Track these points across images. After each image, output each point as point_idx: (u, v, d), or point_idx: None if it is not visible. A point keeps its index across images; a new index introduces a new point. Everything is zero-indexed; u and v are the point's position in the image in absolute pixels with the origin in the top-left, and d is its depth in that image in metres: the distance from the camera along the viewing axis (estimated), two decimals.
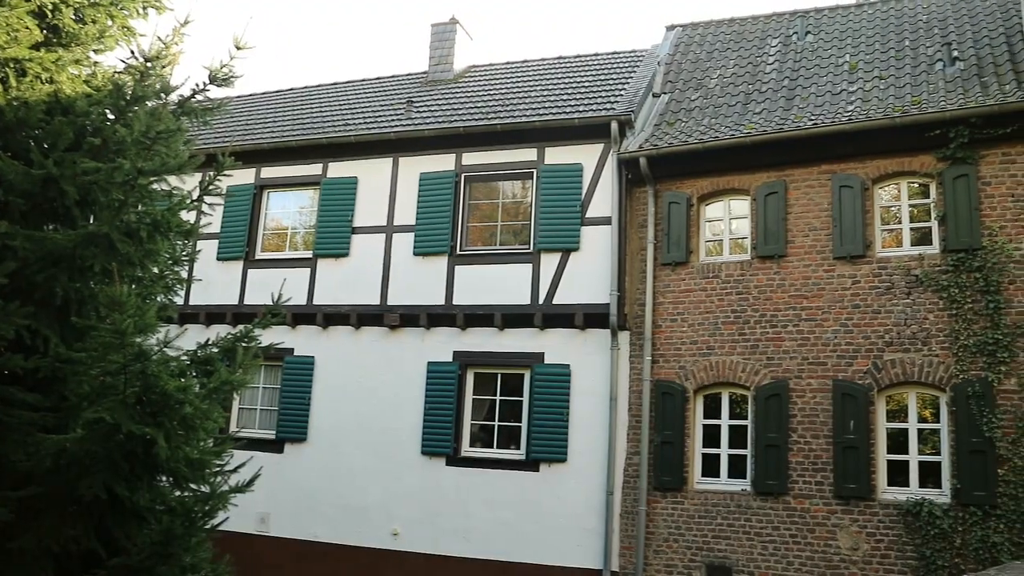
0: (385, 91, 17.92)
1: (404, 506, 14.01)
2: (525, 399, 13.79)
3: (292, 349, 15.07)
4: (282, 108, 18.16)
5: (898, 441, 11.78)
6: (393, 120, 15.88)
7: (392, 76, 18.96)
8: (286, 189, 16.21)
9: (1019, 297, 11.20)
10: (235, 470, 7.19)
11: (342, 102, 17.69)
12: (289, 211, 16.24)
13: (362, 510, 14.22)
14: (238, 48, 7.64)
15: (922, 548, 11.09)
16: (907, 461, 11.64)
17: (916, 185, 12.28)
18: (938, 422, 11.59)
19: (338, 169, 15.63)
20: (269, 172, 16.15)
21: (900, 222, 12.32)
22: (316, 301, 15.15)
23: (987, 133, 11.53)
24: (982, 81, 12.37)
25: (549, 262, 13.78)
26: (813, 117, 12.80)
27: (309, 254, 15.51)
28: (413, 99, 16.74)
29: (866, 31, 14.90)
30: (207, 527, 6.76)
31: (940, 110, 11.83)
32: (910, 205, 12.29)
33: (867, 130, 12.20)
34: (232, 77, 7.66)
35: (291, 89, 19.55)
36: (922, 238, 12.08)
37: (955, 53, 13.27)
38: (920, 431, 11.71)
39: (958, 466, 11.16)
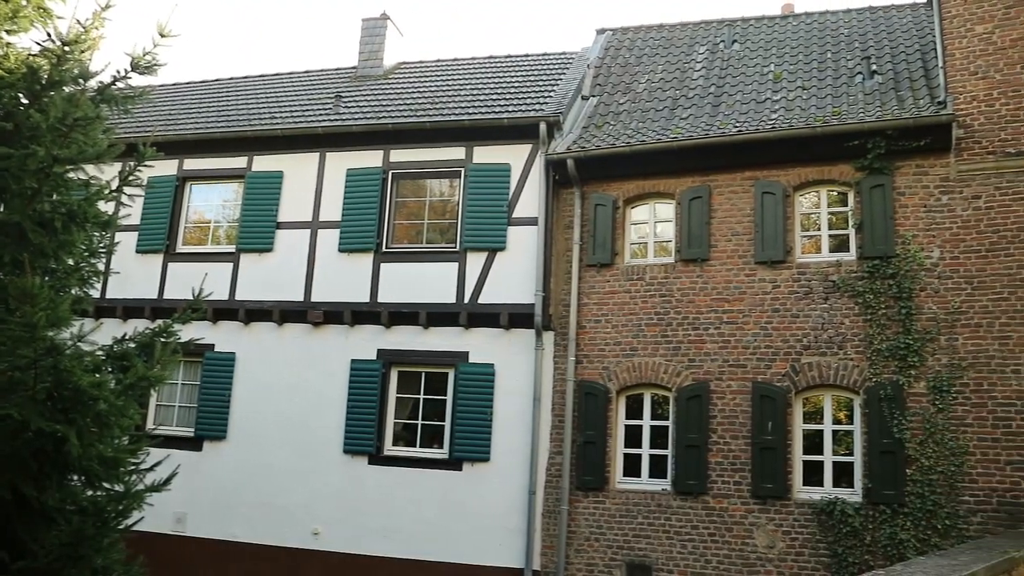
0: (313, 85, 17.71)
1: (326, 505, 13.85)
2: (449, 398, 13.77)
3: (213, 345, 14.78)
4: (207, 99, 17.80)
5: (814, 442, 12.09)
6: (321, 114, 15.69)
7: (321, 70, 18.75)
8: (209, 182, 15.88)
9: (929, 304, 11.60)
10: (151, 469, 7.03)
11: (269, 95, 17.41)
12: (212, 204, 15.92)
13: (283, 509, 14.02)
14: (162, 35, 7.45)
15: (834, 545, 11.40)
16: (822, 461, 11.95)
17: (835, 193, 12.62)
18: (852, 424, 11.94)
19: (263, 163, 15.37)
20: (192, 164, 15.80)
21: (819, 229, 12.64)
22: (238, 296, 14.87)
23: (902, 145, 11.91)
24: (898, 95, 12.77)
25: (475, 261, 13.78)
26: (738, 124, 13.05)
27: (232, 248, 15.23)
28: (342, 94, 16.58)
29: (791, 42, 15.26)
30: (120, 528, 6.58)
31: (859, 121, 12.17)
32: (829, 213, 12.61)
33: (789, 138, 12.49)
34: (155, 65, 7.46)
35: (217, 80, 19.18)
36: (840, 245, 12.42)
37: (874, 67, 13.67)
38: (835, 432, 12.04)
39: (869, 466, 11.52)
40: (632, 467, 12.86)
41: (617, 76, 15.69)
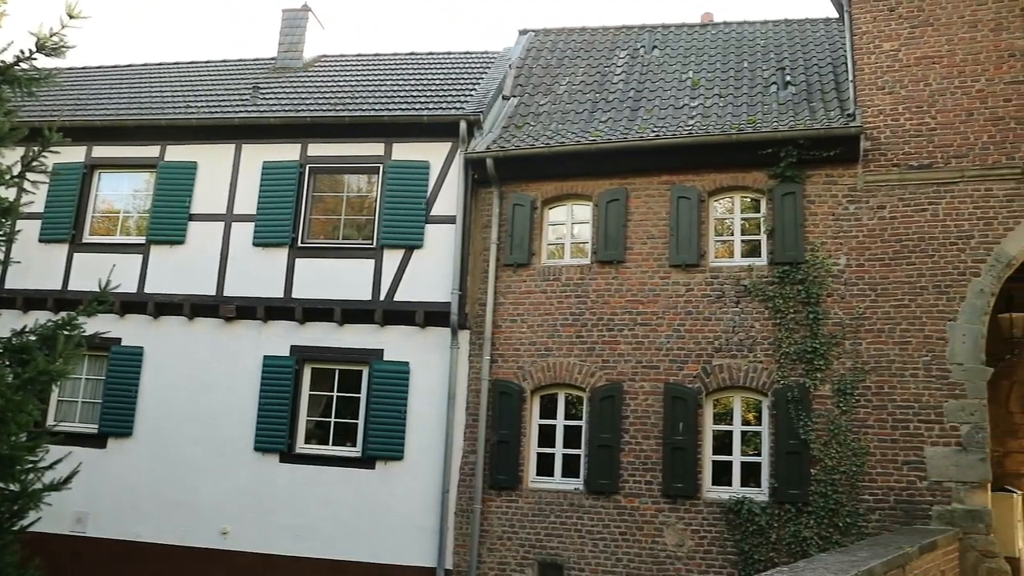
0: (231, 75, 17.34)
1: (235, 504, 13.59)
2: (363, 396, 13.65)
3: (119, 339, 14.35)
4: (119, 85, 17.25)
5: (723, 442, 12.34)
6: (238, 105, 15.38)
7: (239, 60, 18.40)
8: (119, 170, 15.40)
9: (835, 309, 11.95)
10: (51, 466, 6.79)
11: (185, 83, 16.98)
12: (122, 193, 15.44)
13: (190, 508, 13.70)
14: (71, 16, 7.22)
15: (741, 544, 11.66)
16: (731, 462, 12.22)
17: (748, 200, 12.90)
18: (760, 425, 12.22)
19: (177, 153, 14.99)
20: (101, 151, 15.31)
21: (732, 234, 12.91)
22: (148, 289, 14.48)
23: (813, 155, 12.24)
24: (811, 106, 13.12)
25: (392, 258, 13.69)
26: (656, 129, 13.23)
27: (142, 240, 14.81)
28: (260, 85, 16.28)
29: (709, 51, 15.55)
30: (15, 529, 6.35)
31: (772, 130, 12.47)
32: (742, 218, 12.88)
33: (705, 145, 12.73)
34: (63, 47, 7.23)
35: (130, 66, 18.61)
36: (752, 250, 12.70)
37: (788, 78, 14.02)
38: (743, 433, 12.31)
39: (776, 466, 11.82)
40: (545, 466, 12.93)
41: (538, 77, 15.76)
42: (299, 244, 14.15)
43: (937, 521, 11.00)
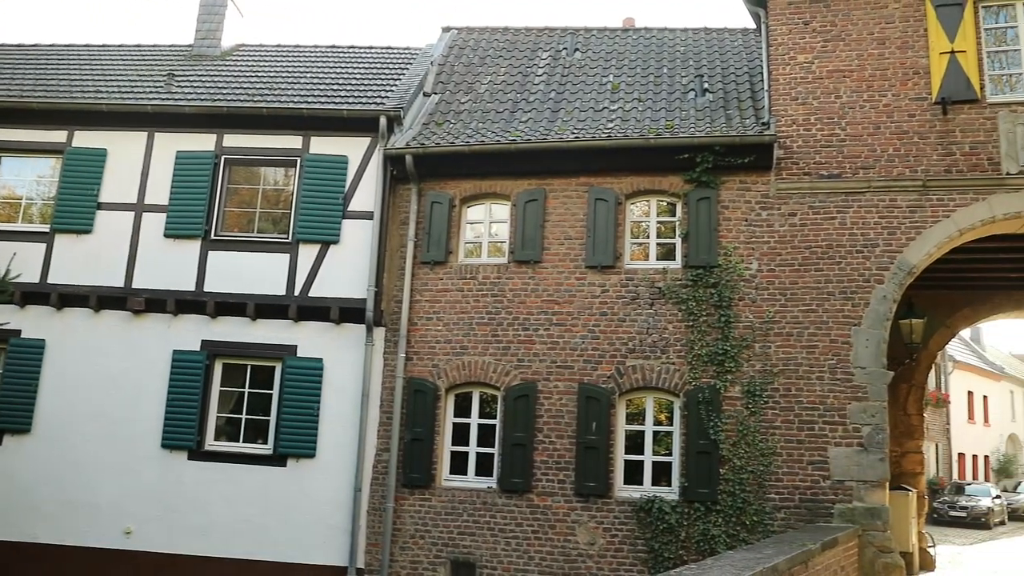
0: (145, 61, 16.82)
1: (140, 503, 13.23)
2: (275, 392, 13.43)
3: (19, 331, 13.82)
4: (25, 66, 16.54)
5: (635, 442, 12.53)
6: (151, 92, 14.95)
7: (153, 46, 17.85)
8: (22, 155, 14.79)
9: (746, 313, 12.22)
10: None
11: (96, 67, 16.39)
12: (25, 179, 14.83)
13: (92, 507, 13.28)
14: None
15: (651, 542, 11.84)
16: (642, 461, 12.40)
17: (665, 203, 13.09)
18: (671, 425, 12.42)
19: (85, 139, 14.48)
20: (4, 134, 14.65)
21: (648, 237, 13.09)
22: (51, 280, 13.95)
23: (728, 161, 12.49)
24: (727, 113, 13.39)
25: (307, 253, 13.51)
26: (575, 131, 13.34)
27: (46, 228, 14.25)
28: (175, 72, 15.85)
29: (629, 55, 15.74)
30: None
31: (689, 136, 12.70)
32: (658, 222, 13.08)
33: (624, 148, 12.88)
34: None
35: (36, 46, 17.89)
36: (667, 253, 12.90)
37: (706, 85, 14.29)
38: (655, 433, 12.51)
39: (686, 466, 12.05)
40: (459, 465, 12.93)
41: (460, 75, 15.74)
42: (212, 236, 13.84)
43: (839, 519, 11.36)
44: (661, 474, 12.37)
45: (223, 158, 14.13)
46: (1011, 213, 11.79)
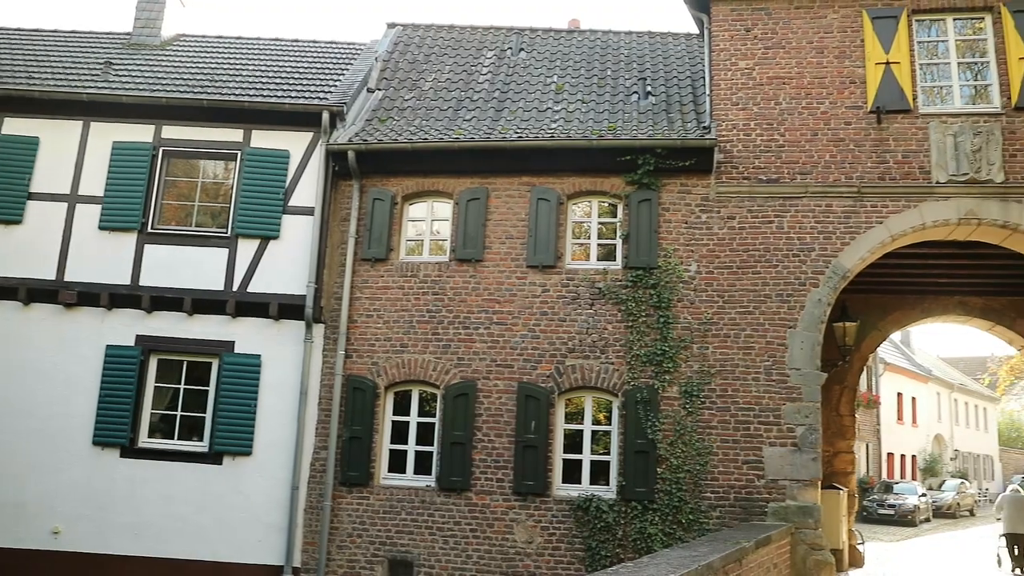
0: (81, 48, 16.41)
1: (69, 501, 12.93)
2: (212, 389, 13.23)
3: None
4: None
5: (574, 441, 12.61)
6: (87, 80, 14.58)
7: (90, 32, 17.41)
8: None
9: (685, 314, 12.38)
10: None
11: (28, 53, 15.93)
12: None
13: (17, 507, 12.91)
14: None
15: (589, 540, 11.93)
16: (581, 460, 12.49)
17: (606, 204, 13.19)
18: (610, 424, 12.53)
19: (16, 126, 14.06)
20: None
21: (589, 237, 13.18)
22: None
23: (670, 164, 12.63)
24: (669, 117, 13.54)
25: (247, 248, 13.33)
26: (519, 131, 13.37)
27: None
28: (113, 61, 15.49)
29: (574, 57, 15.82)
30: None
31: (631, 138, 12.82)
32: (599, 222, 13.18)
33: (567, 149, 12.95)
34: None
35: None
36: (608, 254, 13.00)
37: (649, 88, 14.43)
38: (594, 432, 12.61)
39: (624, 465, 12.18)
40: (397, 463, 12.89)
41: (404, 72, 15.66)
42: (149, 229, 13.56)
43: (772, 517, 11.58)
44: (599, 473, 12.47)
45: (161, 150, 13.86)
46: (940, 220, 12.14)
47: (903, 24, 12.70)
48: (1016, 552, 17.79)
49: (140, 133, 13.91)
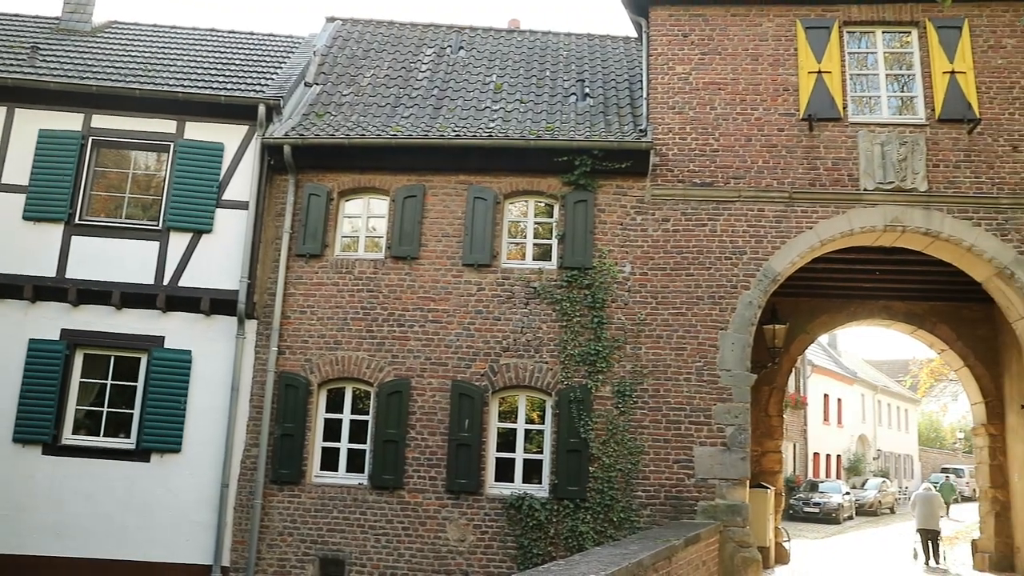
0: (6, 31, 15.89)
1: None
2: (140, 385, 12.96)
3: None
4: None
5: (507, 440, 12.66)
6: (12, 65, 14.13)
7: (15, 15, 16.88)
8: None
9: (618, 315, 12.51)
10: None
11: None
12: None
13: None
14: None
15: (521, 538, 11.99)
16: (514, 459, 12.55)
17: (543, 204, 13.26)
18: (543, 423, 12.60)
19: None
20: None
21: (525, 237, 13.24)
22: None
23: (606, 166, 12.76)
24: (606, 119, 13.67)
25: (178, 242, 13.09)
26: (456, 129, 13.36)
27: None
28: (39, 46, 15.06)
29: (513, 57, 15.87)
30: None
31: (569, 139, 12.91)
32: (536, 222, 13.25)
33: (504, 148, 12.99)
34: None
35: None
36: (543, 254, 13.08)
37: (587, 90, 14.54)
38: (527, 431, 12.67)
39: (557, 464, 12.26)
40: (330, 461, 12.80)
41: (343, 67, 15.53)
42: (76, 221, 13.22)
43: (702, 515, 11.78)
44: (532, 472, 12.54)
45: (91, 139, 13.52)
46: (868, 227, 12.48)
47: (835, 35, 13.02)
48: (929, 546, 18.59)
49: (68, 121, 13.55)
